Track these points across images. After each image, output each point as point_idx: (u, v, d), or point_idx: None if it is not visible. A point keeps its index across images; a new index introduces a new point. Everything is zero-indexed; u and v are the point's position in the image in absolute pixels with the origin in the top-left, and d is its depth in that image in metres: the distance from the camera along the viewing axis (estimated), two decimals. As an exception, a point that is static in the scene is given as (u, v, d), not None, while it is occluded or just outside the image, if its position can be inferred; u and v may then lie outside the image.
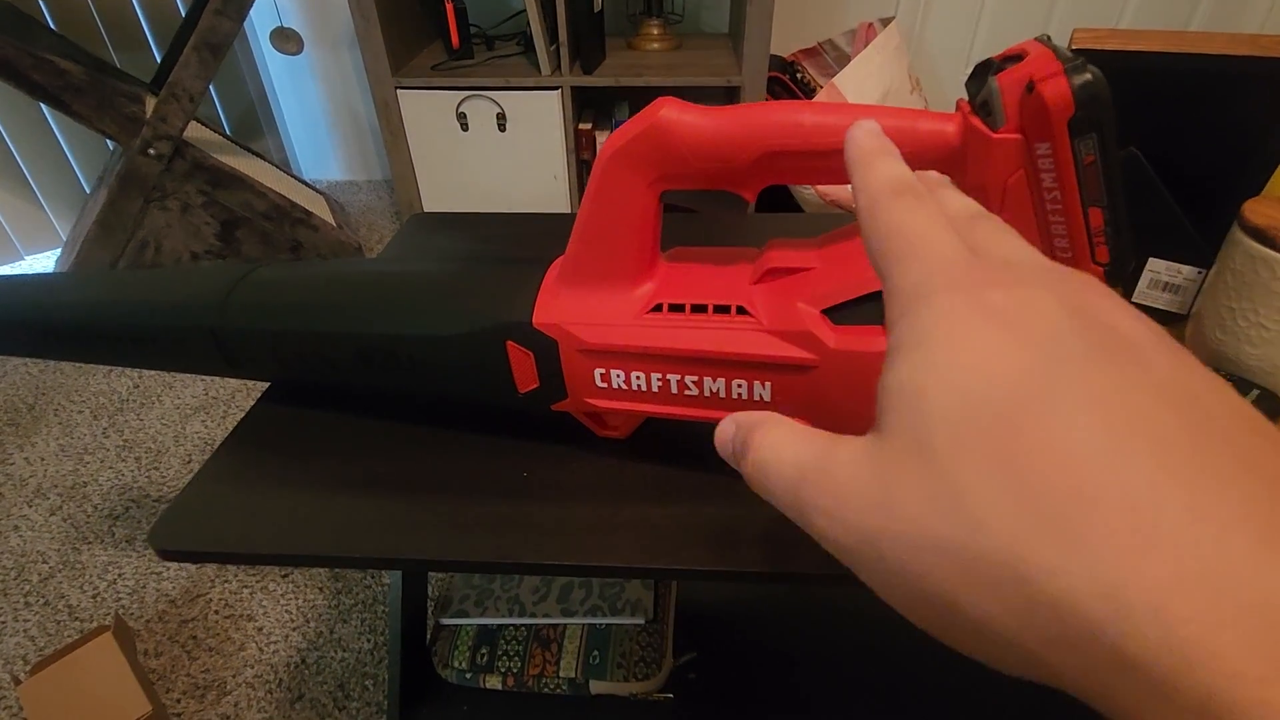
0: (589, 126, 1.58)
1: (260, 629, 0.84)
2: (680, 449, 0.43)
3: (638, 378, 0.37)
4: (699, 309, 0.35)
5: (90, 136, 1.63)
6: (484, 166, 1.58)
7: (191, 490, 0.42)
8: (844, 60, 1.67)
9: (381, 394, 0.46)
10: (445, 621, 0.69)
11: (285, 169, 1.81)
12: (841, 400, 0.33)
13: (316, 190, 1.78)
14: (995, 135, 0.28)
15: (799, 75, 1.64)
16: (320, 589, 0.87)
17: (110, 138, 1.28)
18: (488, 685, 0.65)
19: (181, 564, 0.91)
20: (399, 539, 0.38)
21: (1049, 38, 0.27)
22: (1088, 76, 0.25)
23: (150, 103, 1.36)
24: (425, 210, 1.67)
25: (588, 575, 0.39)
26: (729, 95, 1.55)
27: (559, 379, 0.39)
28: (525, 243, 0.68)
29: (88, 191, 1.68)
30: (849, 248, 0.34)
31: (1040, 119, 0.26)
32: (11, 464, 1.09)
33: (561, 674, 0.64)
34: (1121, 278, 0.28)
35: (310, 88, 1.93)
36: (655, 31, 1.59)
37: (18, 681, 0.72)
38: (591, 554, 0.37)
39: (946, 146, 0.29)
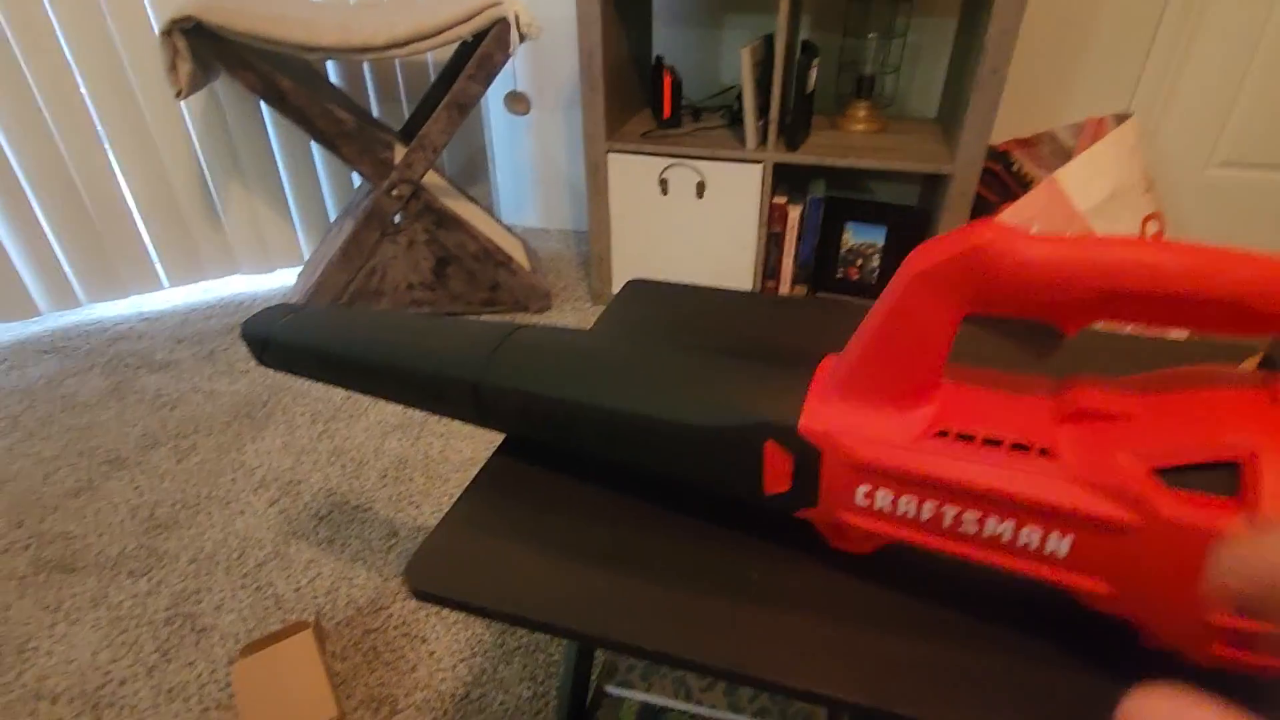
0: (783, 200, 1.59)
1: (432, 653, 0.88)
2: (926, 577, 0.40)
3: (907, 502, 0.35)
4: (992, 442, 0.33)
5: (341, 171, 1.87)
6: (676, 229, 1.64)
7: (443, 531, 0.45)
8: (1063, 153, 1.57)
9: (611, 463, 0.47)
10: (610, 690, 0.68)
11: (491, 213, 1.97)
12: (1159, 572, 0.29)
13: (515, 235, 1.92)
14: None
15: (1014, 166, 1.56)
16: (487, 625, 0.90)
17: (365, 178, 1.46)
18: (648, 767, 0.64)
19: (386, 580, 0.98)
20: (633, 622, 0.38)
21: None
22: None
23: (399, 150, 1.54)
24: (614, 262, 1.74)
25: (814, 702, 0.37)
26: (936, 183, 1.50)
27: (814, 488, 0.38)
28: (746, 324, 0.68)
29: (331, 219, 1.92)
30: (1181, 399, 0.31)
31: None
32: (244, 454, 1.24)
33: (727, 774, 0.61)
34: None
35: (523, 143, 2.10)
36: (862, 113, 1.59)
37: (230, 660, 0.80)
38: (819, 678, 0.35)
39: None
